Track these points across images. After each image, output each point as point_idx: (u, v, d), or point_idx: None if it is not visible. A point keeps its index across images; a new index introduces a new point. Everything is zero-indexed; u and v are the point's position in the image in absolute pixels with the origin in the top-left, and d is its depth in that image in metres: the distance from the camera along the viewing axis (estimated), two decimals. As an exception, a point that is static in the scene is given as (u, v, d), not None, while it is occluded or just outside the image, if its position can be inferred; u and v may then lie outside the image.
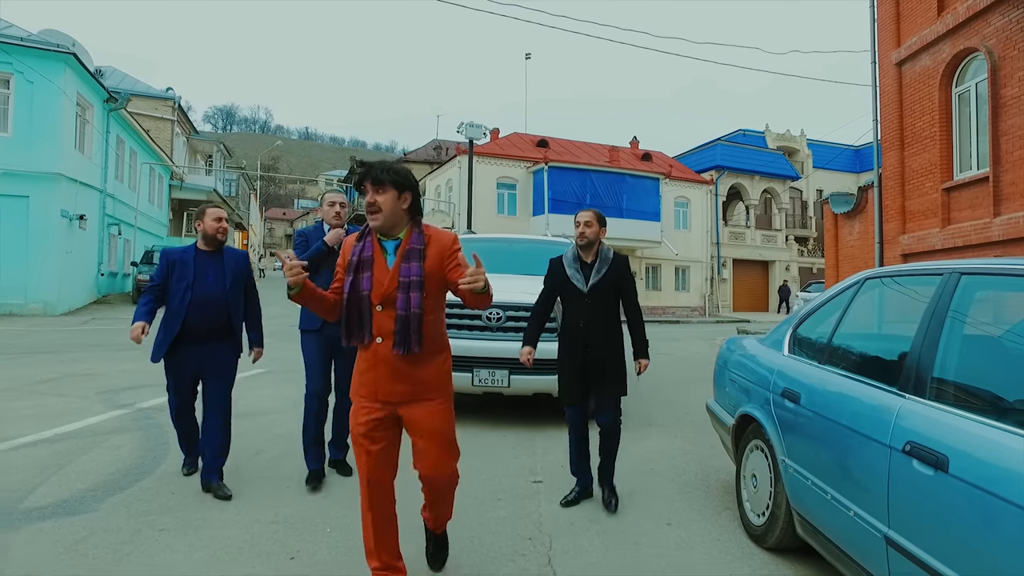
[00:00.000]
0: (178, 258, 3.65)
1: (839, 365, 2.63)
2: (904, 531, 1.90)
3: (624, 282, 3.61)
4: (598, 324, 3.52)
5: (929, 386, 2.00)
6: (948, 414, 1.85)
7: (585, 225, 3.59)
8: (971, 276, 2.09)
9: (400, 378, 2.33)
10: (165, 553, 2.79)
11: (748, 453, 3.27)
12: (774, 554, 2.95)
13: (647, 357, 3.65)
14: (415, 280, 2.31)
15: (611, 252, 3.64)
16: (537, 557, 2.89)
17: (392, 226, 2.36)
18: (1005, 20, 9.85)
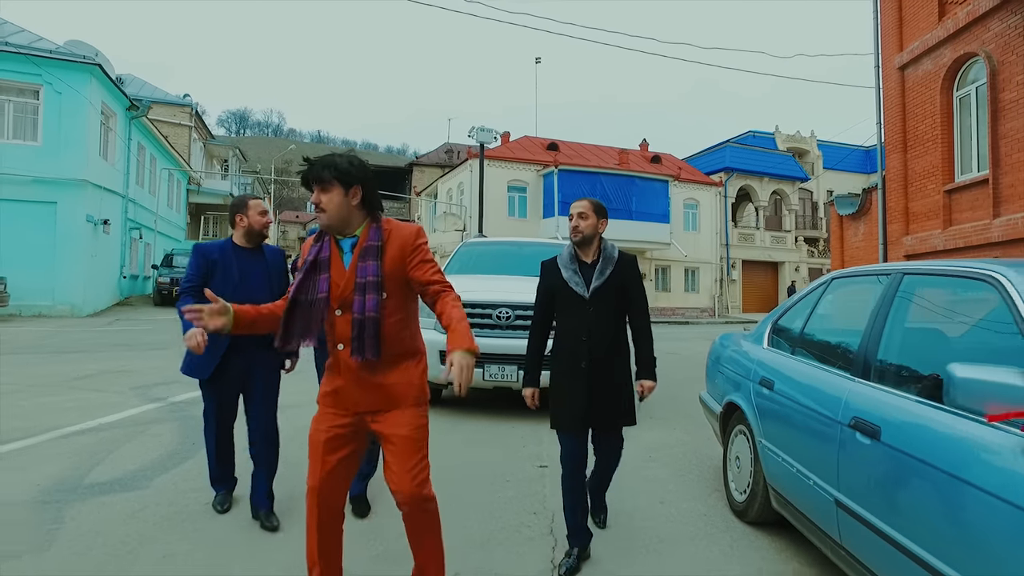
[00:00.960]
0: (218, 256, 3.21)
1: (807, 355, 2.97)
2: (849, 493, 2.24)
3: (632, 285, 3.02)
4: (604, 337, 2.92)
5: (873, 370, 2.33)
6: (883, 392, 2.19)
7: (579, 216, 2.96)
8: (912, 276, 2.43)
9: (363, 387, 2.15)
10: (212, 521, 3.18)
11: (733, 437, 3.60)
12: (754, 527, 3.29)
13: (654, 379, 3.01)
14: (371, 280, 2.11)
15: (616, 249, 3.05)
16: (540, 528, 3.24)
17: (343, 225, 2.16)
18: (1004, 26, 10.08)
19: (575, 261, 3.01)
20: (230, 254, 3.23)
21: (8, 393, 6.14)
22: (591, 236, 2.97)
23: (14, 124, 15.23)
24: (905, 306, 2.40)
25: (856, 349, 2.49)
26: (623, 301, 3.01)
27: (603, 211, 3.05)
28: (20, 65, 14.87)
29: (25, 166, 14.96)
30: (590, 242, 2.99)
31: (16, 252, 14.73)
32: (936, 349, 2.27)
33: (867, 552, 2.12)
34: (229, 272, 3.17)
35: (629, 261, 3.06)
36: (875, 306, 2.49)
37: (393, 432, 2.14)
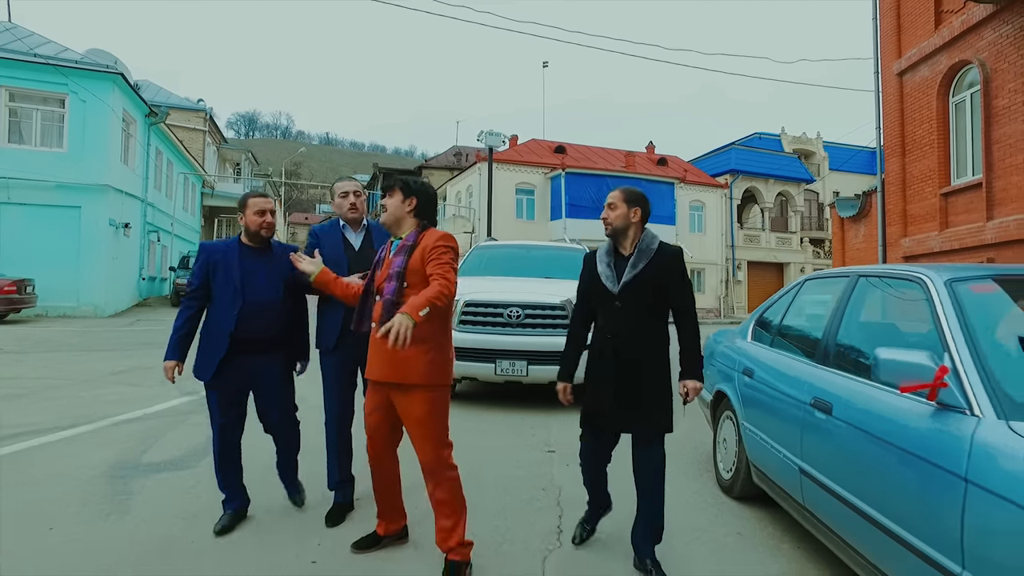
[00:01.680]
0: (220, 256, 3.09)
1: (782, 346, 3.38)
2: (809, 461, 2.65)
3: (671, 280, 2.77)
4: (634, 334, 2.74)
5: (831, 356, 2.74)
6: (836, 375, 2.60)
7: (608, 208, 2.85)
8: (865, 277, 2.83)
9: (381, 357, 2.59)
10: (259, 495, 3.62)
11: (722, 422, 4.01)
12: (738, 501, 3.70)
13: (700, 379, 2.74)
14: (397, 271, 2.59)
15: (656, 241, 2.84)
16: (548, 500, 3.67)
17: (395, 225, 2.73)
18: (996, 34, 10.40)
19: (611, 254, 2.87)
20: (234, 253, 3.11)
21: (58, 387, 6.63)
22: (623, 227, 2.81)
23: (41, 132, 15.82)
24: (859, 302, 2.81)
25: (819, 339, 2.91)
26: (660, 297, 2.77)
27: (638, 199, 2.85)
28: (47, 75, 15.44)
29: (51, 172, 15.52)
30: (624, 233, 2.82)
31: (42, 255, 15.29)
32: (880, 337, 2.68)
33: (822, 508, 2.54)
34: (230, 272, 3.06)
35: (670, 254, 2.81)
36: (835, 303, 2.90)
37: (404, 413, 2.62)
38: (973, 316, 2.08)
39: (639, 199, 2.84)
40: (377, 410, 2.70)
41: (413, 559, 2.84)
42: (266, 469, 3.65)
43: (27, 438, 4.59)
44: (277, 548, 2.94)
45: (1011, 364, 1.95)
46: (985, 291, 2.23)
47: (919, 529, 1.89)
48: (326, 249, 3.27)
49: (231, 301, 3.02)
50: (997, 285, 2.27)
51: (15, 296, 13.42)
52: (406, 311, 2.30)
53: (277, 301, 3.12)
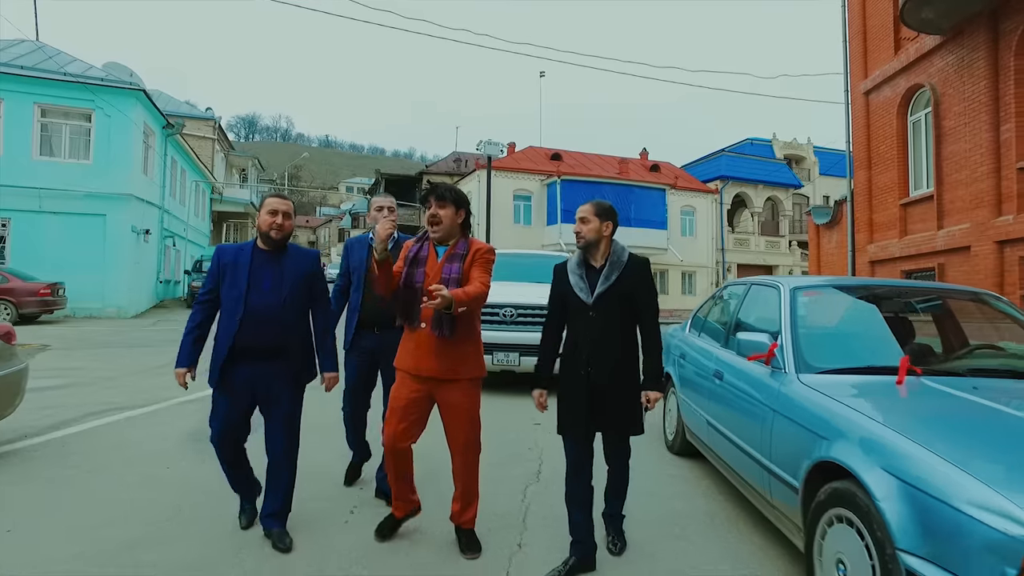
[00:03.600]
0: (231, 260, 3.01)
1: (706, 335, 4.51)
2: (711, 414, 3.77)
3: (640, 291, 2.89)
4: (607, 343, 2.84)
5: (729, 340, 3.86)
6: (727, 351, 3.72)
7: (580, 221, 2.93)
8: (754, 284, 3.96)
9: (436, 355, 2.78)
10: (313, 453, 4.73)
11: (669, 396, 5.13)
12: (676, 456, 4.81)
13: (660, 389, 2.89)
14: (454, 277, 2.76)
15: (626, 253, 2.94)
16: (532, 455, 4.78)
17: (448, 234, 2.86)
18: (944, 62, 11.53)
19: (582, 266, 2.96)
20: (246, 256, 3.01)
21: (116, 377, 7.76)
22: (594, 240, 2.91)
23: (70, 145, 16.93)
24: (749, 302, 3.93)
25: (723, 328, 4.03)
26: (630, 306, 2.88)
27: (608, 213, 2.95)
28: (76, 92, 16.57)
29: (79, 182, 16.64)
30: (596, 246, 2.93)
31: (71, 260, 16.39)
32: (751, 325, 3.79)
33: (716, 445, 3.66)
34: (238, 277, 2.97)
35: (638, 264, 2.93)
36: (736, 302, 4.03)
37: (455, 403, 2.87)
38: (799, 312, 3.21)
39: (610, 213, 2.96)
40: (417, 404, 2.86)
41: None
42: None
43: (115, 413, 5.72)
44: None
45: (810, 340, 3.07)
46: (811, 296, 3.36)
47: (755, 444, 3.01)
48: (353, 256, 3.69)
49: (234, 307, 2.94)
50: (819, 292, 3.41)
51: (49, 298, 14.54)
52: (456, 296, 2.56)
53: (278, 308, 2.96)
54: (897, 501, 1.91)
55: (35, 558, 2.82)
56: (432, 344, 2.78)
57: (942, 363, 3.03)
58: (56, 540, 3.02)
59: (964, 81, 10.93)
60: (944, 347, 3.48)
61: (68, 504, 3.50)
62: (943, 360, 3.19)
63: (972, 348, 3.34)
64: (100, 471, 4.10)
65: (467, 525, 3.02)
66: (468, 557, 2.93)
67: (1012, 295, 9.83)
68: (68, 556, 2.85)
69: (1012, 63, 9.81)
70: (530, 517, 3.49)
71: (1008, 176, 9.95)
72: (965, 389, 2.48)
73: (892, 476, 1.97)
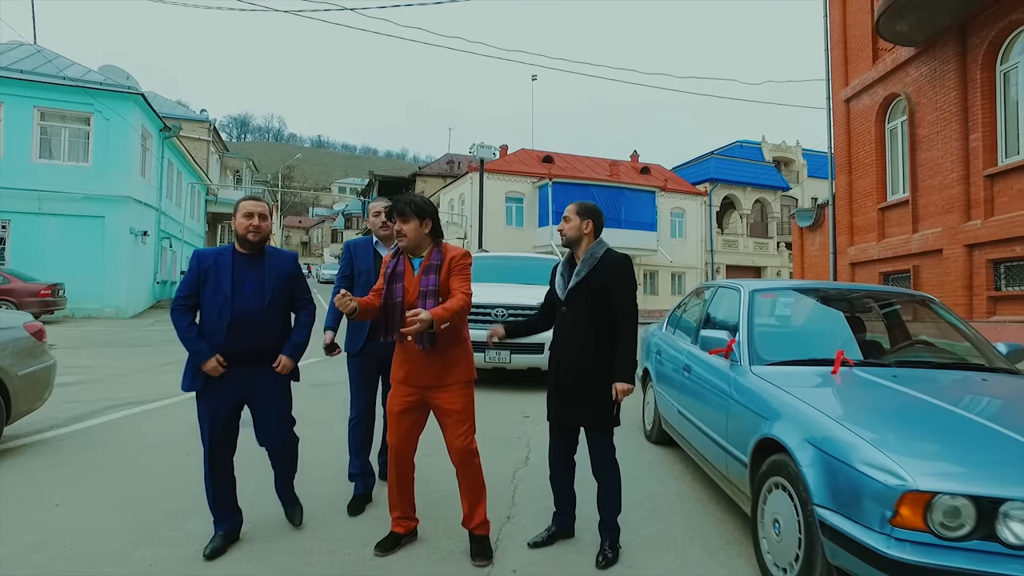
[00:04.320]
0: (212, 263, 2.98)
1: (679, 333, 4.93)
2: (682, 404, 4.19)
3: (612, 285, 2.93)
4: (574, 338, 2.97)
5: (698, 337, 4.28)
6: (695, 347, 4.14)
7: (564, 220, 3.07)
8: (720, 287, 4.38)
9: (423, 365, 2.85)
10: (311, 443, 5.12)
11: (646, 391, 5.56)
12: (654, 444, 5.24)
13: (630, 381, 2.89)
14: (431, 289, 2.82)
15: (601, 250, 3.01)
16: (521, 443, 5.19)
17: (416, 247, 2.90)
18: (918, 73, 12.02)
19: (566, 264, 3.12)
20: (227, 260, 2.99)
21: (126, 374, 8.11)
22: (576, 237, 3.04)
23: (69, 148, 17.22)
24: (716, 302, 4.36)
25: (694, 326, 4.46)
26: (604, 302, 2.94)
27: (589, 212, 3.05)
28: (75, 96, 16.86)
29: (78, 185, 16.92)
30: (577, 243, 3.06)
31: (70, 261, 16.67)
32: (716, 323, 4.21)
33: (686, 432, 4.08)
34: (221, 281, 2.96)
35: (613, 260, 2.98)
36: (704, 303, 4.46)
37: (447, 407, 2.88)
38: (756, 311, 3.63)
39: (591, 212, 3.07)
40: (410, 412, 2.92)
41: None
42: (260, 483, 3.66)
43: (130, 407, 6.09)
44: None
45: (764, 336, 3.49)
46: (767, 297, 3.79)
47: (715, 428, 3.44)
48: (359, 260, 3.75)
49: (220, 313, 2.93)
50: (775, 294, 3.84)
51: (49, 299, 14.82)
52: (436, 315, 2.59)
53: (262, 311, 3.00)
54: (815, 467, 2.33)
55: (87, 527, 3.20)
56: (419, 355, 2.85)
57: (878, 356, 3.45)
58: (102, 513, 3.41)
59: (936, 91, 11.43)
60: (891, 343, 3.92)
61: (104, 485, 3.89)
62: (886, 353, 3.63)
63: (908, 343, 3.78)
64: (126, 458, 4.48)
65: (479, 531, 2.96)
66: (477, 564, 2.88)
67: (980, 296, 10.34)
68: (116, 526, 3.23)
69: (979, 75, 10.31)
70: (518, 495, 3.90)
71: (976, 183, 10.44)
72: (886, 377, 2.92)
73: (813, 447, 2.39)
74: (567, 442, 3.17)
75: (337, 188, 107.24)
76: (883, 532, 1.99)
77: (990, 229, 10.09)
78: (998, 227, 9.91)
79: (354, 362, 3.72)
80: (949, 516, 1.92)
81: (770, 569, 2.64)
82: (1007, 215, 9.81)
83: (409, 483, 3.03)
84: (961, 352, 3.54)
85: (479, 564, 2.89)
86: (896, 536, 1.96)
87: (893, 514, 1.96)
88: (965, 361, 3.41)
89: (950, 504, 1.91)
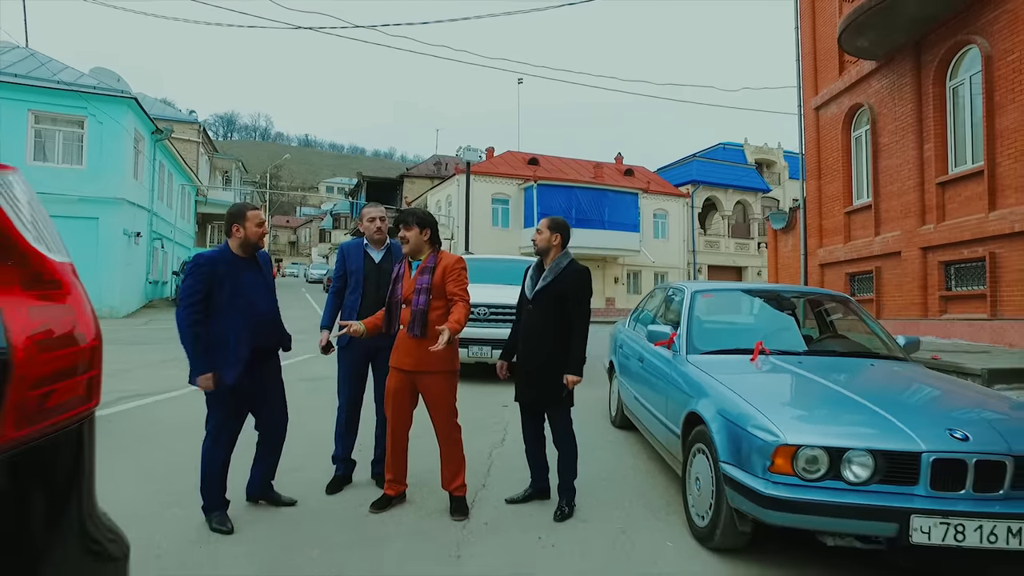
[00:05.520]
0: (224, 269, 3.20)
1: (639, 326, 5.54)
2: (637, 391, 4.80)
3: (571, 292, 3.45)
4: (535, 333, 3.51)
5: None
6: (646, 341, 4.75)
7: (536, 232, 3.59)
8: (671, 287, 5.00)
9: (411, 352, 3.36)
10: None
11: (612, 381, 6.16)
12: (617, 429, 5.84)
13: (577, 374, 3.45)
14: (424, 287, 3.30)
15: (565, 261, 3.52)
16: (498, 427, 5.78)
17: (417, 252, 3.41)
18: (880, 85, 12.74)
19: (536, 268, 3.65)
20: (234, 266, 3.23)
21: (131, 370, 8.62)
22: (545, 248, 3.57)
23: (63, 151, 17.59)
24: (668, 300, 4.97)
25: (649, 322, 5.07)
26: (564, 304, 3.46)
27: (558, 227, 3.57)
28: (69, 100, 17.23)
29: (72, 187, 17.29)
30: (547, 253, 3.58)
31: (65, 261, 17.03)
32: (666, 319, 4.82)
33: (640, 414, 4.69)
34: (238, 285, 3.21)
35: (574, 271, 3.50)
36: (659, 302, 5.08)
37: (432, 391, 3.42)
38: (696, 309, 4.25)
39: (560, 227, 3.59)
40: (401, 391, 3.44)
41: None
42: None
43: (142, 398, 6.62)
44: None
45: (700, 329, 4.11)
46: (707, 297, 4.41)
47: (659, 408, 4.04)
48: (350, 261, 4.01)
49: (244, 312, 3.18)
50: (714, 294, 4.46)
51: (46, 298, 15.21)
52: (451, 327, 3.15)
53: (275, 310, 3.45)
54: (722, 432, 2.94)
55: (120, 495, 3.73)
56: (410, 343, 3.35)
57: (795, 347, 4.07)
58: (133, 483, 3.96)
59: (895, 103, 12.15)
60: (812, 335, 4.55)
61: (131, 462, 4.43)
62: (807, 344, 4.26)
63: (824, 336, 4.42)
64: (147, 439, 5.03)
65: (457, 492, 3.50)
66: (455, 519, 3.43)
67: (933, 296, 11.07)
68: (148, 493, 3.79)
69: (931, 90, 11.03)
70: (493, 469, 4.49)
71: (929, 190, 11.17)
72: (792, 363, 3.54)
73: (722, 417, 3.00)
74: (534, 419, 3.78)
75: (325, 188, 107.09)
76: (763, 477, 2.60)
77: (942, 233, 10.81)
78: (948, 231, 10.63)
79: (343, 355, 4.02)
80: (809, 463, 2.53)
81: (693, 519, 3.25)
82: (956, 220, 10.54)
83: (403, 452, 3.56)
84: (867, 343, 4.18)
85: (457, 519, 3.44)
86: (772, 480, 2.57)
87: (771, 463, 2.57)
88: (866, 350, 4.05)
89: (810, 454, 2.53)
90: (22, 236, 0.91)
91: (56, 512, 0.95)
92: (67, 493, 0.97)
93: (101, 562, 1.03)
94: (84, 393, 0.99)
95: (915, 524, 2.35)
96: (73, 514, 0.99)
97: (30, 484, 0.90)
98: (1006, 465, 2.41)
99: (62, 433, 0.93)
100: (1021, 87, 9.01)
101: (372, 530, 3.35)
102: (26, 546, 0.87)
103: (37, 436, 0.89)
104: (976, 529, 2.31)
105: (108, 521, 1.10)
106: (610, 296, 30.64)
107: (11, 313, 0.85)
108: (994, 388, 6.39)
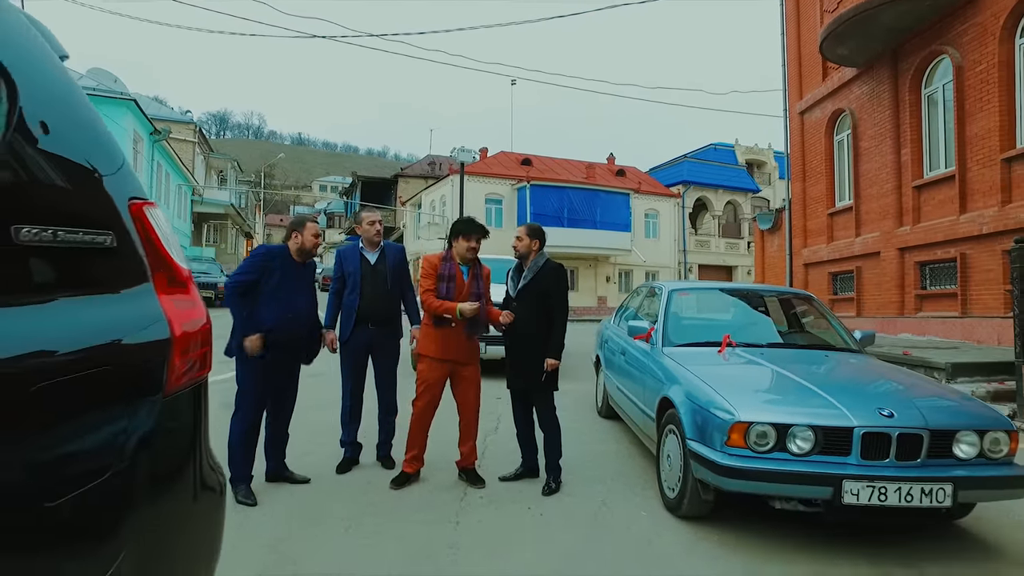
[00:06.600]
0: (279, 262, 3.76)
1: (622, 323, 5.95)
2: (619, 382, 5.21)
3: (550, 289, 3.92)
4: (522, 327, 3.95)
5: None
6: (628, 336, 5.17)
7: (516, 239, 4.05)
8: (652, 286, 5.42)
9: (463, 346, 3.95)
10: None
11: (599, 375, 6.58)
12: (603, 419, 6.25)
13: (557, 358, 3.92)
14: (482, 293, 3.94)
15: (541, 262, 3.99)
16: (492, 417, 6.15)
17: (473, 259, 4.01)
18: (860, 91, 13.20)
19: (517, 270, 4.13)
20: (287, 263, 3.78)
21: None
22: (525, 253, 4.04)
23: (64, 152, 17.83)
24: (648, 298, 5.39)
25: (631, 318, 5.49)
26: (544, 300, 3.96)
27: (536, 233, 4.06)
28: (70, 102, 17.48)
29: (73, 187, 17.55)
30: (526, 257, 4.06)
31: (66, 261, 17.32)
32: (649, 314, 5.24)
33: (622, 403, 5.10)
34: (285, 279, 3.74)
35: (551, 270, 4.00)
36: (640, 299, 5.50)
37: (468, 377, 4.09)
38: (672, 306, 4.67)
39: (538, 233, 4.09)
40: (441, 381, 4.02)
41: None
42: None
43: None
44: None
45: (676, 325, 4.53)
46: (684, 295, 4.83)
47: (638, 396, 4.46)
48: (347, 263, 4.29)
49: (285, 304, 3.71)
50: (689, 293, 4.88)
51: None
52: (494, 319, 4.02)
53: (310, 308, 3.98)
54: (688, 414, 3.36)
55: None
56: (461, 340, 3.95)
57: (759, 340, 4.50)
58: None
59: (875, 109, 12.62)
60: (776, 330, 4.98)
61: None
62: (771, 337, 4.69)
63: (789, 331, 4.85)
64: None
65: (471, 466, 4.13)
66: (476, 487, 3.97)
67: (910, 295, 11.55)
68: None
69: (908, 97, 11.50)
70: (487, 452, 4.90)
71: (906, 193, 11.64)
72: (755, 355, 3.97)
73: (689, 400, 3.42)
74: (523, 404, 4.25)
75: (318, 187, 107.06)
76: (721, 451, 3.02)
77: (917, 234, 11.28)
78: (923, 233, 11.11)
79: (345, 350, 4.31)
80: (760, 437, 2.95)
81: (665, 492, 3.67)
82: (931, 222, 11.02)
83: (427, 433, 4.09)
84: (827, 337, 4.61)
85: (477, 487, 4.00)
86: (728, 452, 2.99)
87: (727, 438, 2.99)
88: (823, 342, 4.48)
89: (760, 429, 2.95)
90: (168, 252, 1.32)
91: (199, 435, 1.38)
92: (200, 425, 1.38)
93: (212, 483, 1.43)
94: (203, 360, 1.39)
95: (847, 487, 2.77)
96: (204, 438, 1.40)
97: (185, 417, 1.33)
98: (923, 437, 2.84)
99: (193, 388, 1.35)
100: (989, 96, 9.48)
101: (382, 501, 3.77)
102: (190, 452, 1.30)
103: (186, 385, 1.31)
104: (896, 491, 2.74)
105: (213, 456, 1.50)
106: (602, 295, 31.09)
107: (168, 306, 1.26)
108: (956, 381, 6.86)
